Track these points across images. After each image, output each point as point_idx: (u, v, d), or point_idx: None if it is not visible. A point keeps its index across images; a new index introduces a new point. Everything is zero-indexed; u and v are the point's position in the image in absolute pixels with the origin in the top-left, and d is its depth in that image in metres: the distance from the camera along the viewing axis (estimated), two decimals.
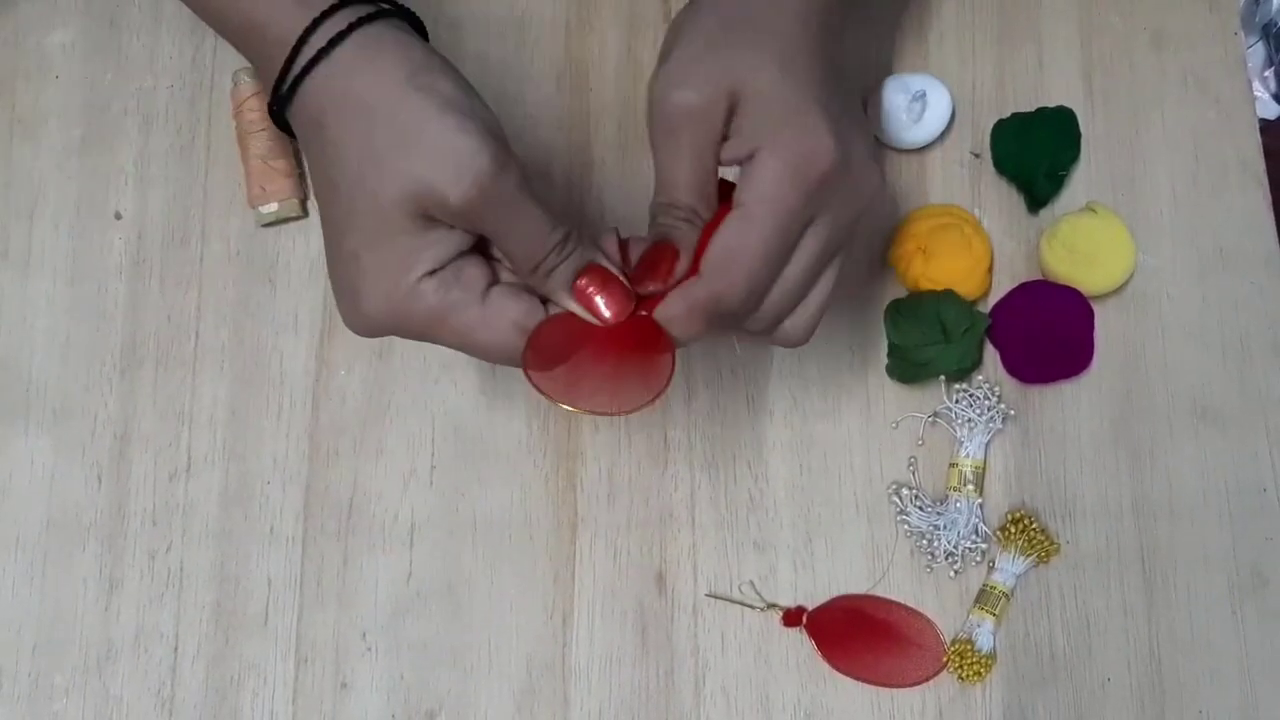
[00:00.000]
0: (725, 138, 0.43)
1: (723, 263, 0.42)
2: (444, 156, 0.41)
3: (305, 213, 0.58)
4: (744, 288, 0.42)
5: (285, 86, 0.43)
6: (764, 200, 0.42)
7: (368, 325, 0.44)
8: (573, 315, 0.44)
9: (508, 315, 0.43)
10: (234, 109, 0.58)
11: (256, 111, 0.57)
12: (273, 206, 0.57)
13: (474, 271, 0.43)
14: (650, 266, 0.43)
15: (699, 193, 0.43)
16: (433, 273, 0.42)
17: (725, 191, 0.44)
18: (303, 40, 0.42)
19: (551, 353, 0.43)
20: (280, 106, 0.44)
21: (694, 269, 0.43)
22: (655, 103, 0.43)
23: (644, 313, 0.43)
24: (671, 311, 0.43)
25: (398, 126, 0.41)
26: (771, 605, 0.55)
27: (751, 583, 0.55)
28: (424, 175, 0.41)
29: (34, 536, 0.56)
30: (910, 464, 0.56)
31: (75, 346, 0.58)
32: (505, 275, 0.44)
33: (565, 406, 0.43)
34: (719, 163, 0.43)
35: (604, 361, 0.43)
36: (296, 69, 0.42)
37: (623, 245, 0.45)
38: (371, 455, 0.56)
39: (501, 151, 0.41)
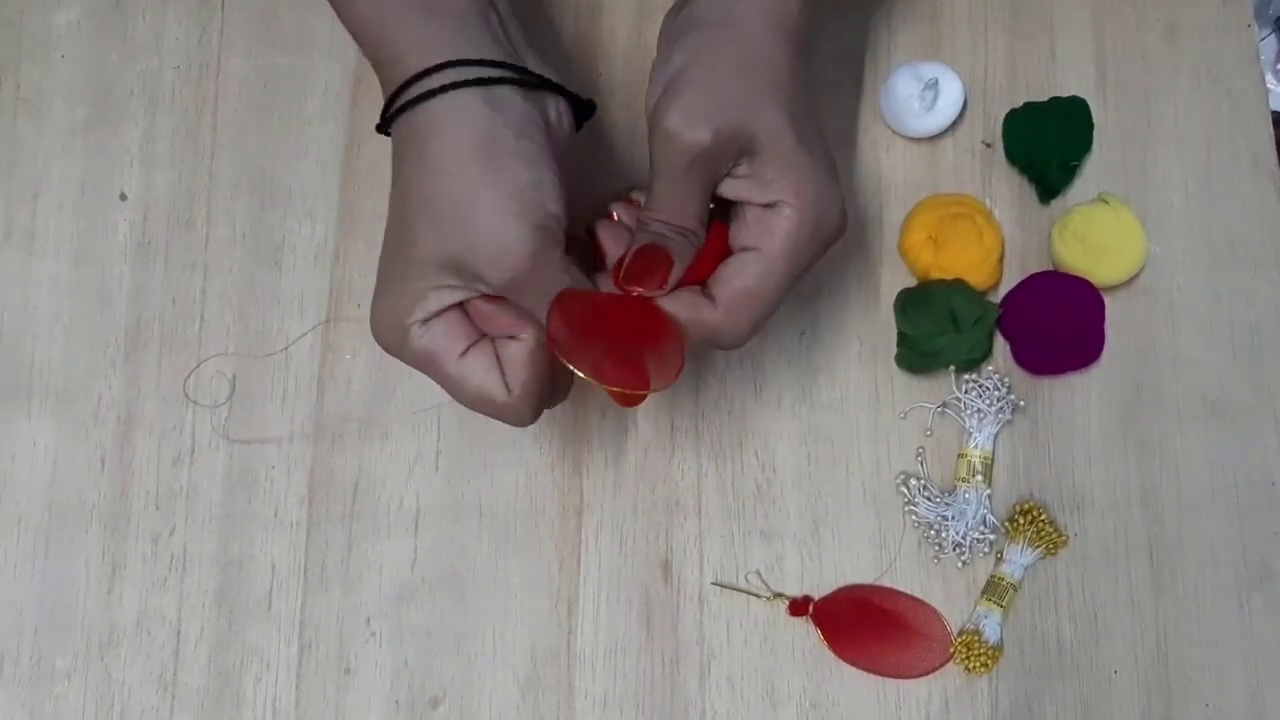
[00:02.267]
0: (729, 174, 0.46)
1: (741, 302, 0.45)
2: (489, 241, 0.43)
3: None
4: (749, 326, 0.46)
5: (390, 112, 0.45)
6: (787, 254, 0.45)
7: (383, 345, 0.47)
8: (590, 295, 0.46)
9: (473, 380, 0.45)
10: None
11: None
12: None
13: (454, 329, 0.45)
14: (645, 270, 0.46)
15: (698, 219, 0.46)
16: (423, 321, 0.45)
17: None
18: (417, 78, 0.44)
19: (573, 330, 0.44)
20: (386, 123, 0.47)
21: (687, 279, 0.46)
22: (666, 136, 0.45)
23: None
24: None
25: (458, 197, 0.43)
26: (778, 595, 0.54)
27: (758, 572, 0.55)
28: (466, 252, 0.44)
29: (36, 519, 0.55)
30: (919, 454, 0.56)
31: (79, 328, 0.57)
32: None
33: (596, 381, 0.44)
34: (717, 193, 0.47)
35: (623, 344, 0.45)
36: (398, 103, 0.45)
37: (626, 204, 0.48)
38: (377, 440, 0.56)
39: (544, 242, 0.44)
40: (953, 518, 0.54)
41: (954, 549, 0.54)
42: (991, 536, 0.54)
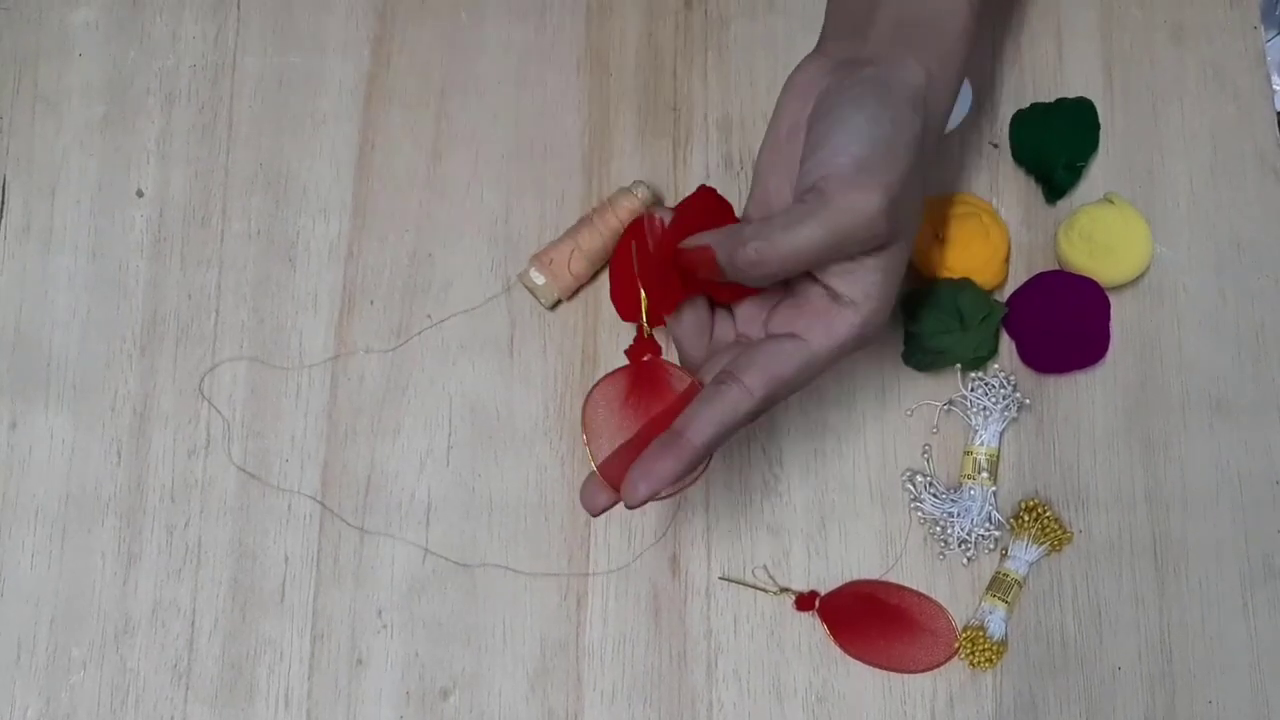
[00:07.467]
0: None
1: (776, 391, 0.45)
2: None
3: (550, 306, 0.58)
4: (769, 406, 0.45)
5: None
6: (833, 357, 0.45)
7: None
8: (619, 384, 0.48)
9: None
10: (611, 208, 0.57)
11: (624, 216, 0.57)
12: (540, 280, 0.56)
13: None
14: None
15: (788, 272, 0.44)
16: None
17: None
18: None
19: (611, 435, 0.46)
20: None
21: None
22: (860, 215, 0.42)
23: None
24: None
25: None
26: (784, 589, 0.55)
27: (765, 566, 0.55)
28: None
29: (53, 511, 0.56)
30: (925, 451, 0.56)
31: (96, 323, 0.58)
32: None
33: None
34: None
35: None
36: None
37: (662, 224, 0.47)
38: (389, 435, 0.57)
39: None
40: (958, 514, 0.55)
41: (959, 545, 0.55)
42: (996, 533, 0.55)
